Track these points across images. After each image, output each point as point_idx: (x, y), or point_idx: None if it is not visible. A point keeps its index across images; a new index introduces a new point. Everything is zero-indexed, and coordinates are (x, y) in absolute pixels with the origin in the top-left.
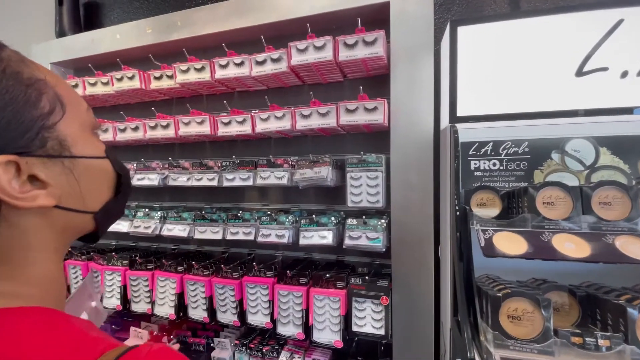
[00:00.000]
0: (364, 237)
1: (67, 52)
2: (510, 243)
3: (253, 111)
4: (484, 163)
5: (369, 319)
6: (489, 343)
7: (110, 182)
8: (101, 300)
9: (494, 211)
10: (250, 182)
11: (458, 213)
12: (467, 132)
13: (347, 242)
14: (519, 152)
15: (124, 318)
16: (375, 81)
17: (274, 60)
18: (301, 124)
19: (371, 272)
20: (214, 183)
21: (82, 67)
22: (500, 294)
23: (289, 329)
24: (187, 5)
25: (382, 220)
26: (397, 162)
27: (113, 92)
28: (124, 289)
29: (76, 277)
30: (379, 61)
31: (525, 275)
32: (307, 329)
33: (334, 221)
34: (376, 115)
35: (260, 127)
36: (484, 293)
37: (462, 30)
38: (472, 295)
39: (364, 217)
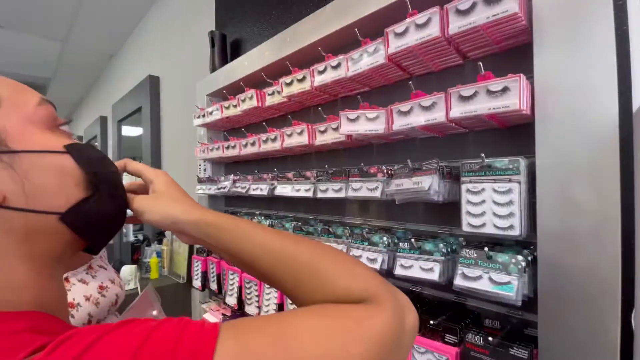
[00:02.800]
0: (486, 279)
1: (215, 84)
2: None
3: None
4: None
5: None
6: None
7: (74, 179)
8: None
9: None
10: (342, 194)
11: None
12: None
13: (459, 282)
14: None
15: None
16: (510, 56)
17: (370, 54)
18: (399, 124)
19: (505, 329)
20: (310, 194)
21: (225, 95)
22: None
23: None
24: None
25: (519, 257)
26: (548, 167)
27: (240, 113)
28: (240, 289)
29: (213, 273)
30: (513, 23)
31: None
32: None
33: (443, 249)
34: (507, 99)
35: (347, 128)
36: None
37: None
38: None
39: (486, 248)
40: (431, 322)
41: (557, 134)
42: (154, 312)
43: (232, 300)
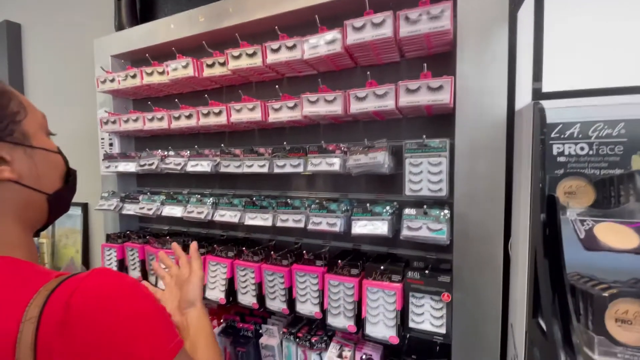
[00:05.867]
0: (425, 228)
1: (125, 44)
2: (617, 236)
3: (302, 95)
4: (570, 147)
5: (428, 316)
6: (591, 349)
7: (60, 173)
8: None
9: (586, 201)
10: (300, 169)
11: (546, 200)
12: (549, 113)
13: (406, 232)
14: (613, 134)
15: None
16: (436, 59)
17: (328, 42)
18: (356, 107)
19: (428, 267)
20: (265, 170)
21: (140, 58)
22: (606, 294)
23: (340, 321)
24: None
25: (445, 211)
26: (462, 147)
27: (168, 81)
28: None
29: (133, 259)
30: (444, 36)
31: (623, 276)
32: (359, 321)
33: (389, 211)
34: (441, 95)
35: (308, 110)
36: (581, 292)
37: None
38: (564, 294)
39: (424, 206)
40: (382, 267)
41: (468, 122)
42: None
43: None
